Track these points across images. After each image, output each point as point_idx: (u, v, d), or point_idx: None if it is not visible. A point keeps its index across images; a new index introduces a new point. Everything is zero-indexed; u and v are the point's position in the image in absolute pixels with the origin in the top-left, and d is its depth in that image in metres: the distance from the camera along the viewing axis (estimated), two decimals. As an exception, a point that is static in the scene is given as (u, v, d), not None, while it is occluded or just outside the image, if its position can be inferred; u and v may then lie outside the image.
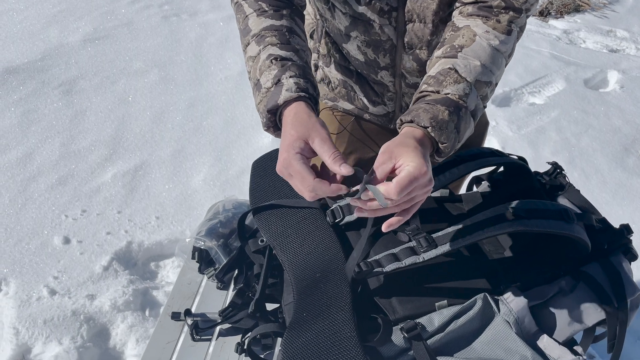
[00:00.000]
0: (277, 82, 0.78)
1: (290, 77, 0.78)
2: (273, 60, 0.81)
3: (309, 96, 0.78)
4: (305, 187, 0.70)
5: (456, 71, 0.82)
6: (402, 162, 0.70)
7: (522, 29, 0.92)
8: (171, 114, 2.92)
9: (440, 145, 0.78)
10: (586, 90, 3.42)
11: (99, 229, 2.17)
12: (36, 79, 3.07)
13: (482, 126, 1.37)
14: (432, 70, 0.85)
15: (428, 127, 0.76)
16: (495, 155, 1.08)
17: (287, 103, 0.76)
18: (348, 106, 1.25)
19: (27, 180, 2.39)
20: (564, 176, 1.13)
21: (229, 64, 3.44)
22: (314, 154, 0.73)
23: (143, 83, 3.16)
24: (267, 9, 0.89)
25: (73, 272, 1.96)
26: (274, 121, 0.80)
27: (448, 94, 0.80)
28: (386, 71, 1.12)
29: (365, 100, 1.20)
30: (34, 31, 3.57)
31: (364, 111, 1.24)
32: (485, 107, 0.88)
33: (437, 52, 0.89)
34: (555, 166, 1.13)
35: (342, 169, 0.69)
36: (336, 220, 1.00)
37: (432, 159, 0.79)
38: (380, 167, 0.70)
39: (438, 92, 0.81)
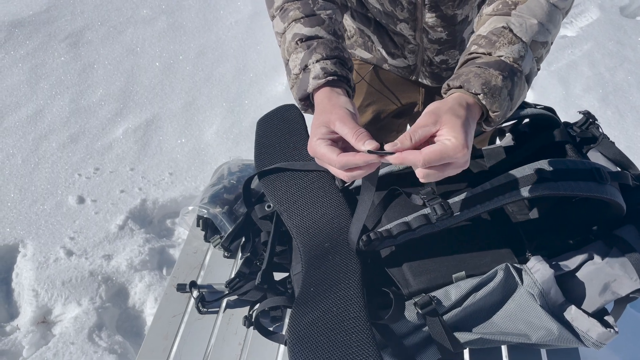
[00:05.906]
0: (305, 67, 0.77)
1: (317, 61, 0.77)
2: (298, 42, 0.79)
3: (338, 77, 0.76)
4: (334, 165, 0.67)
5: (510, 30, 0.74)
6: (443, 132, 0.63)
7: None
8: (181, 63, 2.82)
9: (491, 113, 0.70)
10: (622, 19, 3.17)
11: (112, 187, 2.14)
12: (42, 32, 2.98)
13: None
14: (483, 29, 0.77)
15: (479, 94, 0.68)
16: (519, 107, 0.98)
17: (316, 90, 0.76)
18: (366, 55, 1.16)
19: (39, 139, 2.36)
20: (597, 127, 1.03)
21: (239, 7, 3.28)
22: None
23: (151, 31, 3.04)
24: None
25: (89, 232, 1.95)
26: (308, 104, 0.80)
27: (501, 56, 0.72)
28: (405, 24, 1.02)
29: (383, 52, 1.11)
30: (37, -20, 3.45)
31: (383, 61, 1.15)
32: (539, 69, 0.79)
33: (487, 9, 0.80)
34: (588, 116, 1.04)
35: (367, 146, 0.64)
36: (346, 184, 0.95)
37: (480, 127, 0.73)
38: (422, 128, 0.64)
39: (490, 54, 0.73)
